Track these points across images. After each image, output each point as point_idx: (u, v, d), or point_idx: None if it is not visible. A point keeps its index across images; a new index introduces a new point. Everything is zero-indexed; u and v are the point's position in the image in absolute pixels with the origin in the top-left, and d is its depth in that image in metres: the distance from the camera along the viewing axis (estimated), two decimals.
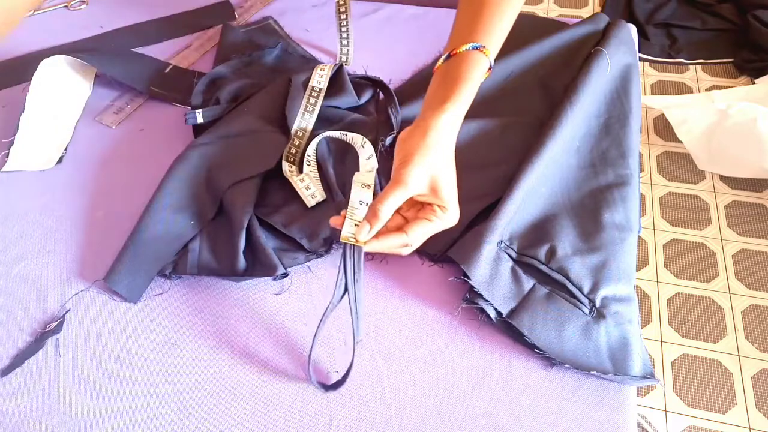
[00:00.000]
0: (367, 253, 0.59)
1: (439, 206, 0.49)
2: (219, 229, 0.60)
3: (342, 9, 0.76)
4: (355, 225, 0.48)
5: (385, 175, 0.61)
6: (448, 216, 0.49)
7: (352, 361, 0.50)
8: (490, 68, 0.54)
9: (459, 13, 0.58)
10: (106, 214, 0.64)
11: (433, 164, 0.48)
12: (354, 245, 0.48)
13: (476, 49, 0.53)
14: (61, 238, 0.62)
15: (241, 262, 0.56)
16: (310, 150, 0.63)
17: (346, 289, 0.49)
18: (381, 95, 0.73)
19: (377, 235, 0.48)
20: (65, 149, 0.71)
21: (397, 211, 0.51)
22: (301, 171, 0.63)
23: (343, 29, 0.78)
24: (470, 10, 0.56)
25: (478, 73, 0.53)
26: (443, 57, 0.55)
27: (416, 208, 0.51)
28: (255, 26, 0.85)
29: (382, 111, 0.70)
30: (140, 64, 0.80)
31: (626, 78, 0.71)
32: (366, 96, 0.72)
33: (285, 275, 0.57)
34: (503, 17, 0.55)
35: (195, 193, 0.62)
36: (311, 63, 0.79)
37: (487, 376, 0.51)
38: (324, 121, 0.68)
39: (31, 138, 0.71)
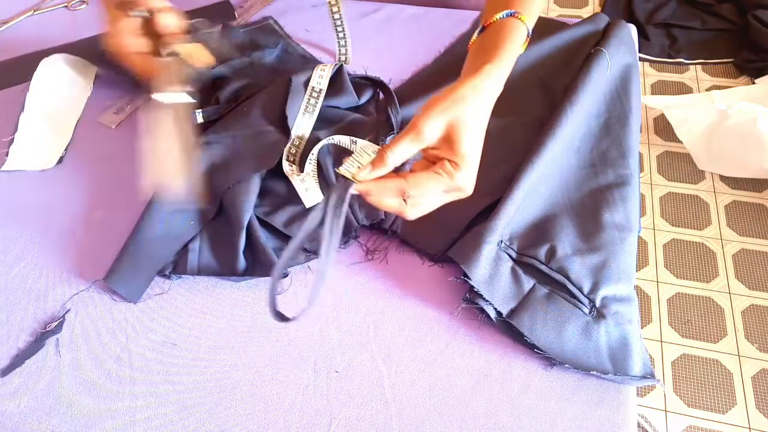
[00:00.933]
0: (367, 252, 0.59)
1: (451, 161, 0.43)
2: (219, 228, 0.60)
3: (334, 9, 0.76)
4: (358, 167, 0.43)
5: None
6: (460, 175, 0.43)
7: (315, 292, 0.43)
8: (528, 37, 0.50)
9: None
10: (106, 214, 0.64)
11: (454, 115, 0.43)
12: (346, 179, 0.43)
13: (511, 15, 0.49)
14: (61, 237, 0.62)
15: (241, 262, 0.57)
16: (315, 150, 0.63)
17: (322, 222, 0.43)
18: (381, 95, 0.73)
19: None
20: (65, 149, 0.71)
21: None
22: (301, 170, 0.63)
23: (339, 29, 0.78)
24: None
25: (517, 41, 0.48)
26: (477, 31, 0.51)
27: (424, 165, 0.45)
28: (255, 26, 0.85)
29: (382, 111, 0.70)
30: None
31: (626, 78, 0.71)
32: (366, 96, 0.72)
33: (285, 275, 0.57)
34: None
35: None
36: (311, 63, 0.79)
37: (487, 376, 0.51)
38: (324, 121, 0.68)
39: (30, 137, 0.71)
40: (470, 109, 0.43)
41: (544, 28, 0.76)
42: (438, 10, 0.87)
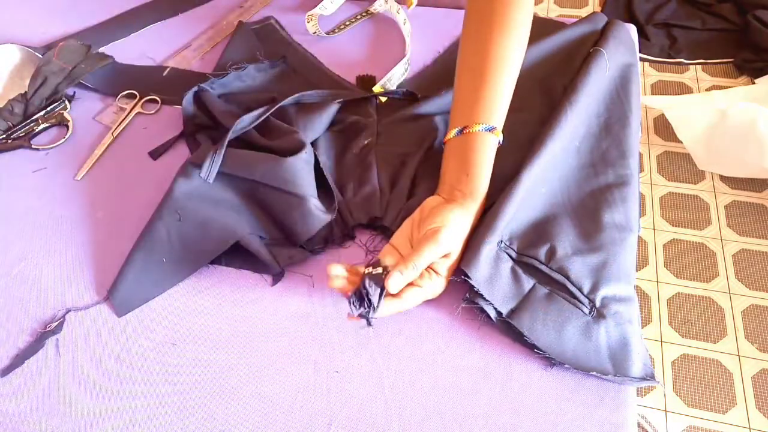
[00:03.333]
0: (367, 252, 0.59)
1: (435, 271, 0.53)
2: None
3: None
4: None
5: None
6: (440, 283, 0.53)
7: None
8: (499, 144, 0.59)
9: (461, 76, 0.61)
10: (106, 214, 0.64)
11: (459, 237, 0.53)
12: (376, 278, 0.51)
13: (488, 131, 0.57)
14: (61, 238, 0.62)
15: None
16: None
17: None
18: (382, 99, 0.73)
19: None
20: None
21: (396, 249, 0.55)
22: None
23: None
24: (474, 78, 0.59)
25: (492, 156, 0.58)
26: (455, 130, 0.59)
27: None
28: (256, 26, 0.85)
29: (382, 114, 0.70)
30: (136, 74, 0.80)
31: (626, 78, 0.71)
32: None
33: (281, 274, 0.57)
34: (505, 85, 0.60)
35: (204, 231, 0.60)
36: (315, 71, 0.79)
37: (487, 376, 0.51)
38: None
39: None
40: (464, 239, 0.54)
41: (543, 28, 0.76)
42: (438, 10, 0.87)
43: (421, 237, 0.52)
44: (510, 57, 0.60)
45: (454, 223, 0.53)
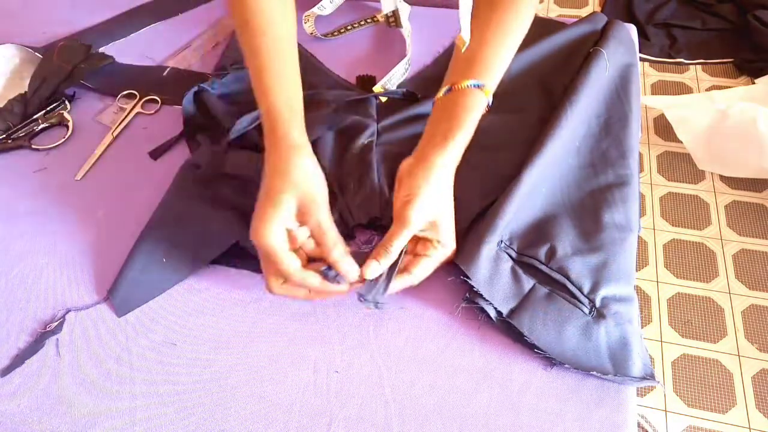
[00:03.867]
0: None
1: (437, 241, 0.52)
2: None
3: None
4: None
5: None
6: (444, 249, 0.53)
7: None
8: (488, 107, 0.57)
9: (458, 49, 0.59)
10: (106, 214, 0.64)
11: (434, 203, 0.51)
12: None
13: (477, 87, 0.55)
14: (61, 238, 0.62)
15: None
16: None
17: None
18: (382, 99, 0.73)
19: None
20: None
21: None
22: None
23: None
24: (471, 43, 0.57)
25: (477, 112, 0.55)
26: (444, 89, 0.57)
27: (414, 241, 0.53)
28: None
29: (382, 114, 0.70)
30: (136, 74, 0.80)
31: (626, 78, 0.71)
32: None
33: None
34: (503, 51, 0.58)
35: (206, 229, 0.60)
36: (316, 69, 0.79)
37: (487, 376, 0.51)
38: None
39: None
40: (444, 192, 0.53)
41: (543, 28, 0.76)
42: (438, 10, 0.87)
43: (394, 216, 0.52)
44: (511, 27, 0.58)
45: (423, 193, 0.50)
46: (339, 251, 0.50)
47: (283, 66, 0.56)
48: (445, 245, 0.53)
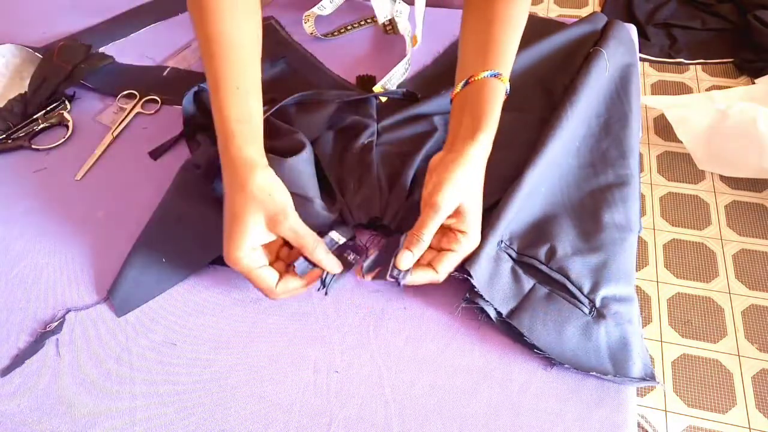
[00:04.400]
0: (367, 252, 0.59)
1: (459, 231, 0.52)
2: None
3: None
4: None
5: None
6: (469, 242, 0.52)
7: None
8: (507, 95, 0.57)
9: (466, 39, 0.60)
10: (106, 214, 0.64)
11: (463, 190, 0.51)
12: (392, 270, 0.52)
13: (494, 76, 0.55)
14: (61, 238, 0.62)
15: None
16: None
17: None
18: (382, 100, 0.73)
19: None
20: None
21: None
22: None
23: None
24: (479, 37, 0.58)
25: (499, 100, 0.55)
26: (460, 84, 0.56)
27: (438, 235, 0.53)
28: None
29: (382, 114, 0.70)
30: (136, 74, 0.80)
31: (626, 78, 0.71)
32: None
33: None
34: (511, 41, 0.58)
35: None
36: (317, 71, 0.78)
37: (487, 376, 0.51)
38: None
39: None
40: (474, 182, 0.52)
41: (543, 28, 0.76)
42: (438, 10, 0.87)
43: (423, 205, 0.52)
44: (515, 19, 0.58)
45: (452, 180, 0.50)
46: (321, 252, 0.52)
47: (241, 77, 0.54)
48: (470, 237, 0.52)
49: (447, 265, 0.52)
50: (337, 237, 0.57)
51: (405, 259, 0.51)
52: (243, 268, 0.50)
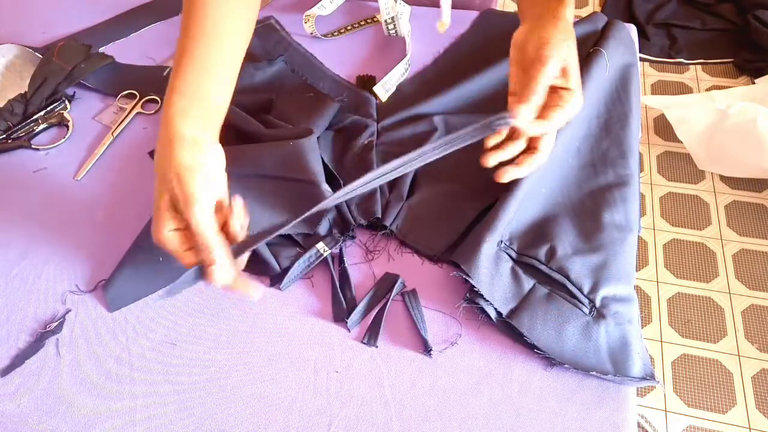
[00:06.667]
0: (367, 252, 0.59)
1: (565, 89, 0.51)
2: None
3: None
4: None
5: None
6: (575, 99, 0.51)
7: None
8: None
9: None
10: (106, 214, 0.64)
11: (566, 47, 0.51)
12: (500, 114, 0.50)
13: None
14: (61, 237, 0.62)
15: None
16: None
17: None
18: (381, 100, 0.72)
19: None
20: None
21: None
22: None
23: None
24: None
25: None
26: None
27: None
28: (256, 25, 0.85)
29: (382, 114, 0.70)
30: (136, 74, 0.80)
31: (626, 78, 0.71)
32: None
33: (281, 275, 0.57)
34: None
35: None
36: (316, 70, 0.78)
37: (487, 376, 0.51)
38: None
39: None
40: (573, 48, 0.52)
41: None
42: (438, 10, 0.87)
43: (528, 65, 0.51)
44: None
45: (555, 37, 0.50)
46: (220, 252, 0.47)
47: (205, 56, 0.52)
48: (576, 95, 0.51)
49: (554, 122, 0.51)
50: (323, 249, 0.57)
51: (522, 111, 0.49)
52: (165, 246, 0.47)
